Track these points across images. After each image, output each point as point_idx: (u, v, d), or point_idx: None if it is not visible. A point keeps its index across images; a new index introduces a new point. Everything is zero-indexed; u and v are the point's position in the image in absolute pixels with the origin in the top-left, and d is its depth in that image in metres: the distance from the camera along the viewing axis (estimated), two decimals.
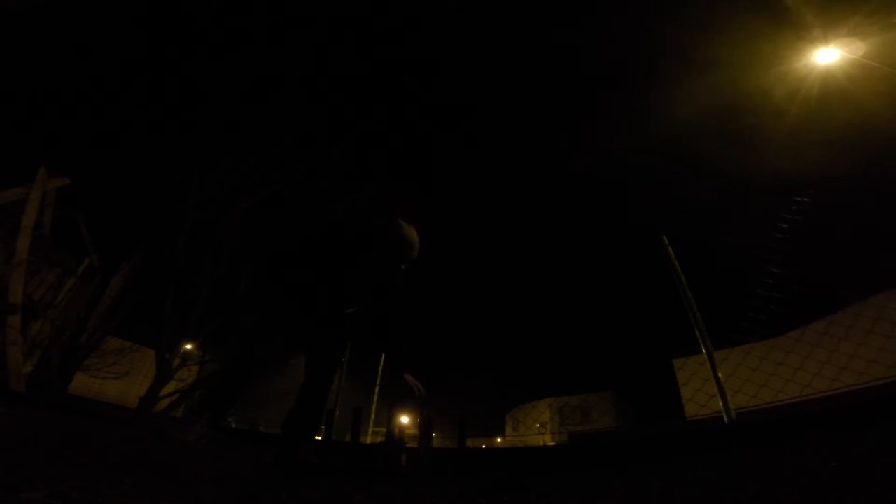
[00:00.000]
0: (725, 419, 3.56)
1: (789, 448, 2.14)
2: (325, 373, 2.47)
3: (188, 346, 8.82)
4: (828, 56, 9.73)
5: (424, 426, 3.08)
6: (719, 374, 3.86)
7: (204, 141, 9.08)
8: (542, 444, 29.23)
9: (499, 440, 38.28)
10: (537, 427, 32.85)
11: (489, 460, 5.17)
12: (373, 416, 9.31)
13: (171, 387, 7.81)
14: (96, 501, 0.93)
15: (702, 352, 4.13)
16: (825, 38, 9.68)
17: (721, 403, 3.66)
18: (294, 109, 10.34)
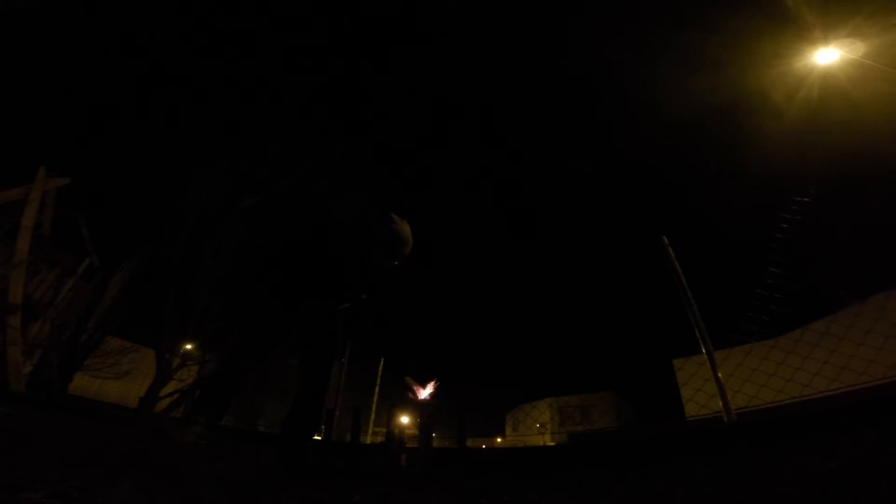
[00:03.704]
0: (725, 419, 3.57)
1: (789, 448, 2.14)
2: (321, 371, 2.46)
3: (188, 346, 8.82)
4: (828, 56, 9.73)
5: (424, 426, 3.08)
6: (719, 374, 3.86)
7: (204, 141, 9.09)
8: (542, 444, 29.21)
9: (499, 440, 38.28)
10: (537, 427, 32.84)
11: (489, 460, 5.17)
12: (373, 416, 9.30)
13: (171, 387, 7.81)
14: (96, 501, 0.93)
15: (702, 352, 4.13)
16: (825, 38, 9.68)
17: (721, 403, 3.66)
18: (294, 109, 10.33)
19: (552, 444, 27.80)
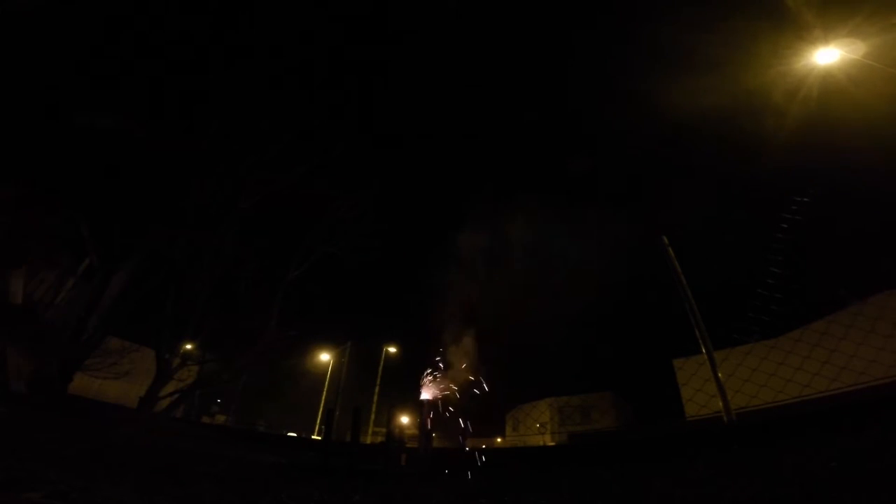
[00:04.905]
0: (725, 419, 3.57)
1: (789, 448, 2.14)
2: None
3: (188, 346, 8.82)
4: (828, 56, 9.73)
5: (424, 426, 3.08)
6: (719, 374, 3.87)
7: (204, 141, 9.09)
8: (542, 444, 29.22)
9: (499, 440, 38.29)
10: (537, 427, 32.85)
11: (489, 460, 5.17)
12: (373, 416, 9.29)
13: (171, 387, 7.80)
14: (96, 501, 0.93)
15: (702, 352, 4.13)
16: (825, 38, 9.67)
17: (721, 403, 3.66)
18: (294, 110, 10.34)
19: (552, 444, 27.82)
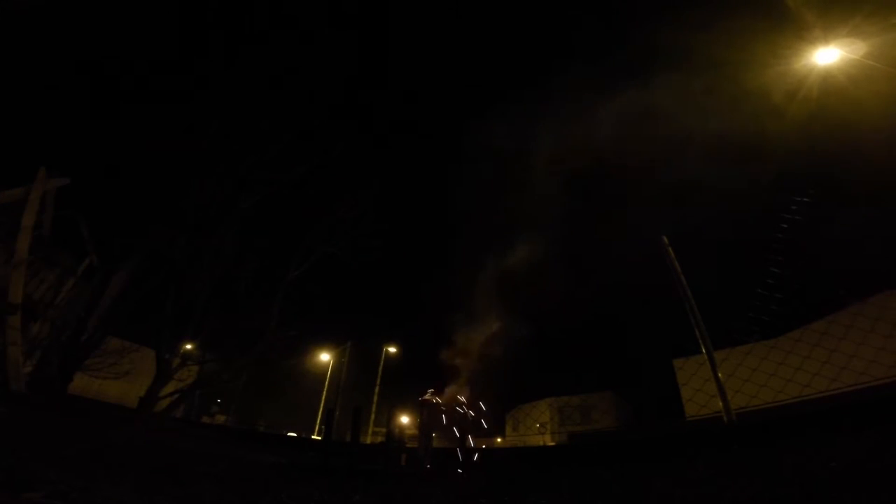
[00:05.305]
0: (725, 419, 3.57)
1: (789, 448, 2.14)
2: None
3: (188, 346, 8.82)
4: (828, 56, 9.72)
5: (425, 426, 3.08)
6: (719, 374, 3.87)
7: (204, 141, 9.09)
8: (542, 444, 29.22)
9: (499, 440, 38.29)
10: (537, 427, 32.86)
11: (489, 460, 5.17)
12: (373, 416, 9.29)
13: (171, 387, 7.80)
14: (96, 501, 0.93)
15: (702, 352, 4.13)
16: (825, 38, 9.67)
17: (721, 403, 3.66)
18: (294, 109, 10.35)
19: (552, 444, 27.81)
